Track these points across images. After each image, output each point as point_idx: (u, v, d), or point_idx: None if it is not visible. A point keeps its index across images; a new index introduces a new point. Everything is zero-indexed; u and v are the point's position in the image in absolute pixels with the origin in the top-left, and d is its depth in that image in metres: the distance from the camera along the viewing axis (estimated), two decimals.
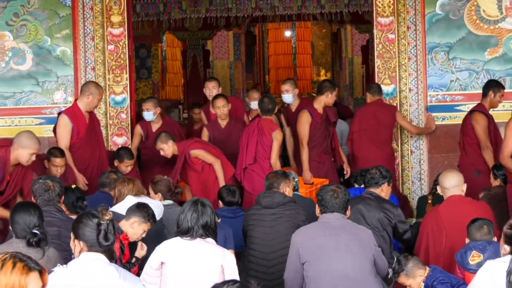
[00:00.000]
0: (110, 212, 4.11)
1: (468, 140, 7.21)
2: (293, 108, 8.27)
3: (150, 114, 7.85)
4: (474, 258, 4.46)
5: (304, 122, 7.53)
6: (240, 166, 7.33)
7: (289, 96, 8.24)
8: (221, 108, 7.69)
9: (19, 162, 5.81)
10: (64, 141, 6.87)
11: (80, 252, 3.69)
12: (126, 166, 7.23)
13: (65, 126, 6.92)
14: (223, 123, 7.81)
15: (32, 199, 5.43)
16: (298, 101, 8.41)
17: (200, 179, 7.34)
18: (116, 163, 7.24)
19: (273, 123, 7.57)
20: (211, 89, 8.26)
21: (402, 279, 4.58)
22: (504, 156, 6.14)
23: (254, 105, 8.35)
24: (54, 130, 7.19)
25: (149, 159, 7.81)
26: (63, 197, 5.44)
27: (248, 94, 9.17)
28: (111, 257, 3.88)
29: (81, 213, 4.01)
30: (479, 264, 4.27)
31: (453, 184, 5.37)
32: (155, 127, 7.92)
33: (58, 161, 6.54)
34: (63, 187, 5.48)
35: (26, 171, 6.02)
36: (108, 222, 3.83)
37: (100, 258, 3.70)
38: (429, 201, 6.26)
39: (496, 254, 4.14)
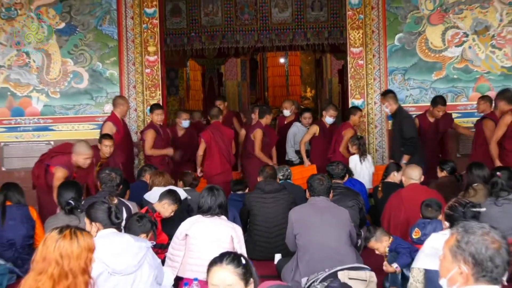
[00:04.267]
0: (115, 199, 4.11)
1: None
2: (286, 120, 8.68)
3: (187, 122, 7.89)
4: (416, 233, 4.55)
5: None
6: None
7: (287, 112, 8.69)
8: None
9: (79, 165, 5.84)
10: None
11: (97, 232, 3.66)
12: (157, 115, 7.35)
13: (110, 129, 7.00)
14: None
15: (98, 185, 5.42)
16: (293, 116, 8.64)
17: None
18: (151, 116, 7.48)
19: (348, 125, 7.50)
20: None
21: (372, 243, 4.60)
22: (493, 141, 6.29)
23: (286, 113, 8.70)
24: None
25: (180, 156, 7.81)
26: (121, 186, 5.36)
27: (282, 105, 9.09)
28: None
29: (92, 201, 3.97)
30: (419, 239, 4.43)
31: (415, 175, 5.48)
32: (180, 133, 7.97)
33: (107, 142, 6.50)
34: (123, 178, 5.43)
35: (88, 172, 6.04)
36: (115, 205, 3.82)
37: (114, 231, 3.67)
38: (380, 188, 6.26)
39: (435, 230, 4.19)
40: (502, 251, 2.12)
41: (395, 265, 4.37)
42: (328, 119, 7.79)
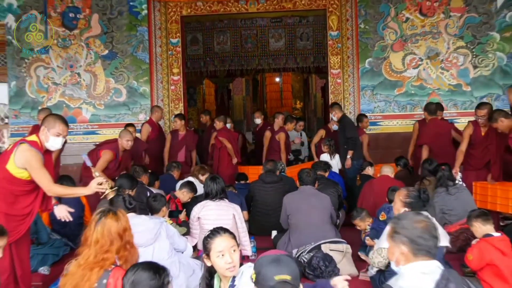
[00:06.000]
0: (126, 191, 4.14)
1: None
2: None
3: (229, 125, 7.88)
4: (382, 216, 4.52)
5: (414, 130, 6.97)
6: None
7: (258, 120, 8.68)
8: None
9: (124, 149, 5.77)
10: (144, 137, 7.17)
11: None
12: (174, 122, 7.37)
13: (147, 128, 7.27)
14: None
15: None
16: (262, 123, 8.53)
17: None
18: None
19: (362, 131, 7.42)
20: (203, 117, 8.59)
21: (357, 221, 4.63)
22: (460, 151, 5.68)
23: (258, 121, 8.65)
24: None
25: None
26: (143, 176, 5.44)
27: (254, 114, 9.12)
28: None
29: (111, 197, 3.96)
30: (384, 221, 4.38)
31: (386, 170, 5.57)
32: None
33: (130, 129, 6.49)
34: (147, 170, 5.44)
35: (128, 156, 5.97)
36: (128, 195, 3.82)
37: (133, 214, 3.67)
38: (358, 178, 6.27)
39: None
40: (428, 228, 2.14)
41: (376, 240, 4.36)
42: (335, 126, 7.71)
